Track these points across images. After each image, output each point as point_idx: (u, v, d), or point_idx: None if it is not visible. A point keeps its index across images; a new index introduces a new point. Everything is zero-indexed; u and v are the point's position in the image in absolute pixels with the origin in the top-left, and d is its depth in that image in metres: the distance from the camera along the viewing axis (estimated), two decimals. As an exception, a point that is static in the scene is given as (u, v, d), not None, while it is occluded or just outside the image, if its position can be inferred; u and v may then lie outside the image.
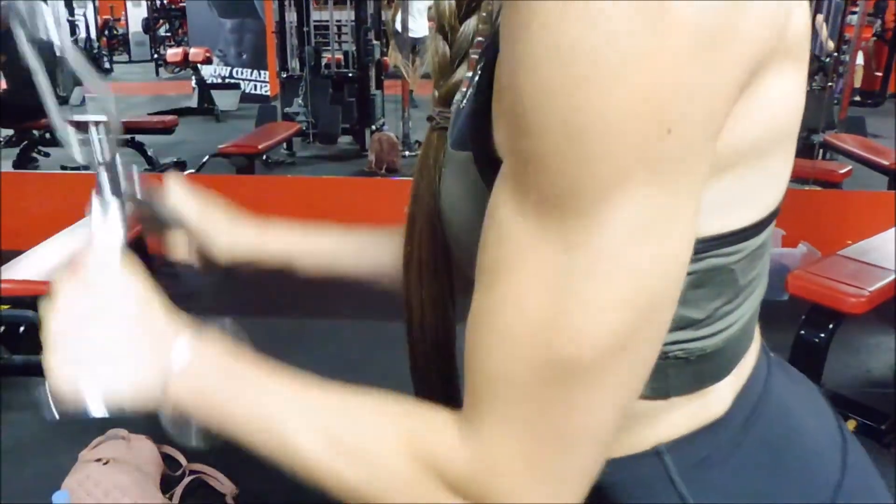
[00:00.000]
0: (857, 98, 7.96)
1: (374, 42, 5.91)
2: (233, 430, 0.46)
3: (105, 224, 0.54)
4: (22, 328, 1.96)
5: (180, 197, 0.67)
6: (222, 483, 1.93)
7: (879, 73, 7.78)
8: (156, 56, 12.19)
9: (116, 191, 0.56)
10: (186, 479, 1.88)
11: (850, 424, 2.23)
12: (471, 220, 0.44)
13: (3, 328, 1.98)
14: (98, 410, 0.47)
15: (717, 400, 0.49)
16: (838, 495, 0.51)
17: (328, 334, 2.87)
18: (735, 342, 0.47)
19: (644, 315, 0.36)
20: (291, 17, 6.15)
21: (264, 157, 5.09)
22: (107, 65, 12.28)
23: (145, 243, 0.65)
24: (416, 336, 0.56)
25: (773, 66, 0.38)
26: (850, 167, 4.05)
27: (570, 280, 0.35)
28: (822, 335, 2.34)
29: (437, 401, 0.47)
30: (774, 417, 0.52)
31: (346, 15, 6.37)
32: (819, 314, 2.34)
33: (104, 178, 0.56)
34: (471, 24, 0.47)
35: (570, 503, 0.40)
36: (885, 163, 4.03)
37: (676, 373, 0.44)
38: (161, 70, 11.81)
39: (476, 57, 0.49)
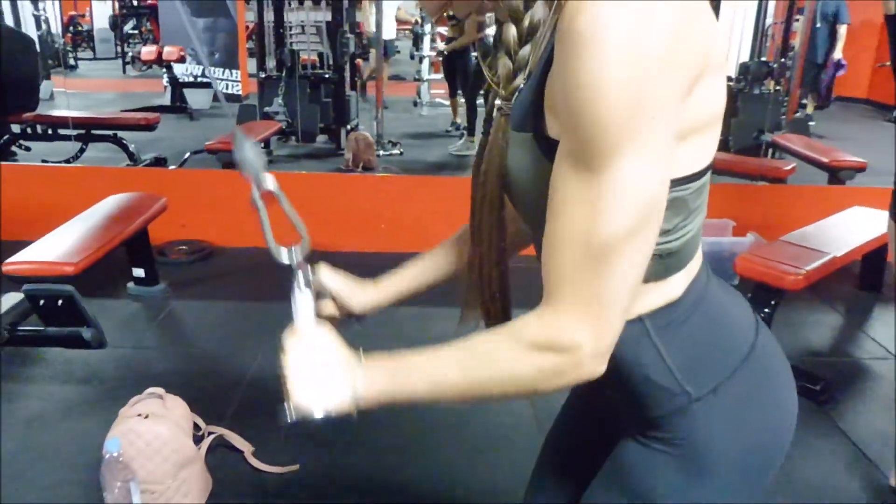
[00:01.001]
0: (805, 101, 8.41)
1: (350, 43, 6.10)
2: (408, 398, 0.74)
3: (303, 304, 0.84)
4: (60, 301, 2.16)
5: (330, 278, 0.97)
6: (240, 442, 2.15)
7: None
8: (123, 53, 12.15)
9: (307, 284, 0.85)
10: (209, 438, 2.11)
11: (790, 387, 2.53)
12: (530, 177, 0.71)
13: (42, 302, 2.18)
14: (319, 414, 0.75)
15: (676, 286, 0.76)
16: (753, 347, 0.80)
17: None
18: (687, 246, 0.74)
19: (642, 217, 0.62)
20: (268, 17, 6.31)
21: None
22: (72, 61, 12.24)
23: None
24: (483, 252, 0.81)
25: (704, 78, 0.64)
26: (794, 165, 4.40)
27: (599, 201, 0.61)
28: (766, 311, 2.64)
29: (499, 302, 0.75)
30: (712, 301, 0.79)
31: (322, 16, 6.56)
32: (763, 292, 2.65)
33: (300, 276, 0.85)
34: (527, 49, 0.72)
35: (610, 344, 0.67)
36: (825, 160, 4.40)
37: (653, 265, 0.70)
38: (128, 67, 11.82)
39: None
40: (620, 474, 0.84)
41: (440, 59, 7.39)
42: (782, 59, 5.74)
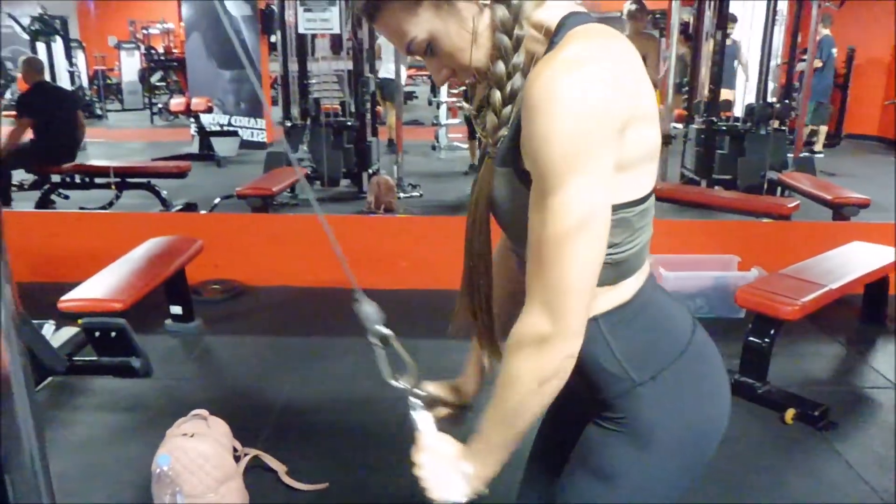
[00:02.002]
0: (814, 139, 8.58)
1: (370, 91, 6.40)
2: (501, 457, 0.97)
3: (422, 419, 1.06)
4: (112, 333, 2.37)
5: (434, 389, 1.19)
6: (274, 463, 2.33)
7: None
8: (151, 104, 12.64)
9: (422, 402, 1.08)
10: (246, 458, 2.29)
11: (791, 413, 2.67)
12: (510, 202, 0.91)
13: (97, 334, 2.40)
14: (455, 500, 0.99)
15: (625, 291, 0.95)
16: (689, 344, 0.99)
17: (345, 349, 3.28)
18: (634, 258, 0.94)
19: (581, 224, 0.82)
20: (292, 68, 6.63)
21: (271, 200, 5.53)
22: (99, 111, 12.75)
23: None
24: (473, 266, 1.01)
25: (632, 126, 0.84)
26: (798, 202, 4.56)
27: (548, 215, 0.82)
28: (766, 340, 2.80)
29: (485, 306, 0.95)
30: (655, 305, 0.99)
31: (343, 65, 6.87)
32: (762, 322, 2.82)
33: (412, 400, 1.08)
34: (508, 108, 0.92)
35: (576, 328, 0.86)
36: (829, 197, 4.57)
37: (607, 271, 0.89)
38: (155, 118, 12.29)
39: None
40: (584, 452, 1.03)
41: (458, 105, 7.70)
42: (786, 101, 5.94)
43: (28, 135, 5.52)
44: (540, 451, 1.23)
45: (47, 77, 8.44)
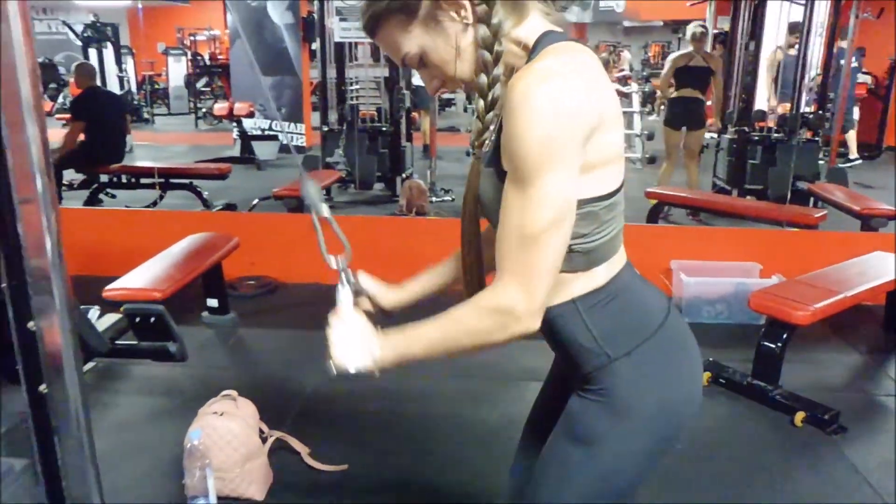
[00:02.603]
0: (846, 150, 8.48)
1: (406, 98, 6.56)
2: (412, 359, 1.07)
3: (344, 296, 1.18)
4: (152, 319, 2.55)
5: (367, 282, 1.29)
6: (297, 445, 2.47)
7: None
8: (196, 109, 13.02)
9: (348, 282, 1.20)
10: (271, 440, 2.43)
11: (800, 416, 2.72)
12: (493, 197, 1.03)
13: (137, 319, 2.57)
14: (352, 370, 1.08)
15: (599, 276, 1.06)
16: (662, 327, 1.09)
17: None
18: (604, 247, 1.05)
19: (555, 216, 0.93)
20: (331, 74, 6.82)
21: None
22: (146, 115, 13.17)
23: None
24: (465, 248, 1.14)
25: (599, 130, 0.96)
26: (825, 212, 4.58)
27: (527, 205, 0.93)
28: (778, 344, 2.86)
29: (475, 280, 1.07)
30: (631, 291, 1.10)
31: (380, 72, 7.06)
32: (775, 326, 2.87)
33: (343, 276, 1.20)
34: (490, 115, 1.04)
35: (540, 307, 0.98)
36: (856, 208, 4.57)
37: (578, 259, 1.01)
38: (200, 122, 12.66)
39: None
40: (566, 420, 1.14)
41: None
42: (820, 111, 5.92)
43: (79, 137, 5.79)
44: (534, 420, 1.35)
45: (98, 82, 8.83)
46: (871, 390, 3.16)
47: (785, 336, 2.84)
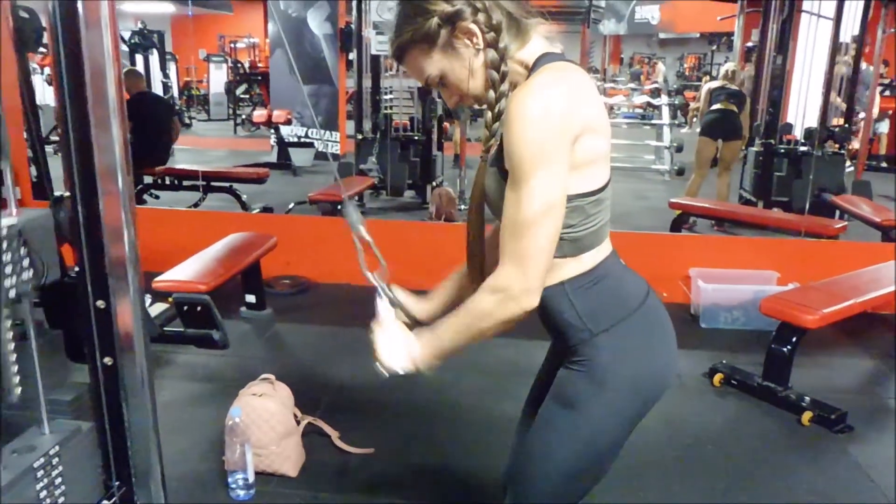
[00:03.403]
0: (884, 164, 8.49)
1: (437, 108, 6.77)
2: (446, 354, 1.26)
3: (383, 306, 1.35)
4: (198, 308, 2.76)
5: (401, 294, 1.45)
6: (328, 429, 2.66)
7: None
8: (235, 115, 13.39)
9: (385, 294, 1.37)
10: (304, 423, 2.62)
11: (807, 415, 2.84)
12: (495, 192, 1.20)
13: (185, 307, 2.79)
14: (397, 371, 1.28)
15: (586, 262, 1.23)
16: (639, 307, 1.26)
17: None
18: (590, 236, 1.21)
19: (545, 208, 1.10)
20: (366, 84, 7.05)
21: (339, 206, 5.94)
22: (187, 120, 13.58)
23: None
24: (470, 240, 1.31)
25: (586, 134, 1.13)
26: (845, 223, 4.66)
27: (521, 198, 1.11)
28: (788, 347, 2.98)
29: (477, 265, 1.25)
30: (614, 276, 1.26)
31: (414, 82, 7.28)
32: (785, 330, 2.99)
33: (380, 290, 1.37)
34: (496, 125, 1.20)
35: (536, 286, 1.15)
36: (877, 220, 4.65)
37: (567, 246, 1.18)
38: (238, 128, 13.03)
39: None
40: (555, 387, 1.31)
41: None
42: (845, 124, 5.99)
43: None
44: (531, 396, 1.52)
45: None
46: (879, 393, 3.25)
47: (794, 339, 2.96)
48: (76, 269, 1.84)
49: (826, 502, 2.38)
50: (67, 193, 1.82)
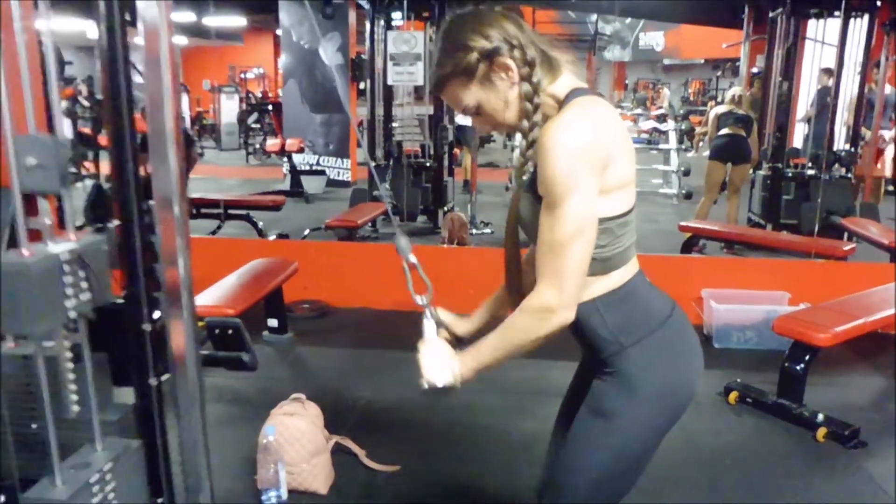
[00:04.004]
0: (891, 188, 8.55)
1: (449, 134, 6.91)
2: (487, 368, 1.35)
3: (429, 327, 1.46)
4: (229, 331, 2.86)
5: (444, 315, 1.56)
6: (354, 447, 2.74)
7: None
8: (247, 145, 13.59)
9: (432, 316, 1.48)
10: (332, 442, 2.70)
11: (822, 431, 2.90)
12: (530, 215, 1.31)
13: (216, 330, 2.88)
14: (440, 385, 1.36)
15: (615, 280, 1.33)
16: (665, 323, 1.35)
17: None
18: (619, 256, 1.31)
19: (578, 229, 1.21)
20: (379, 112, 7.21)
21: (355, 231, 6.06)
22: (200, 150, 13.77)
23: None
24: (507, 261, 1.41)
25: (612, 162, 1.23)
26: (854, 245, 4.74)
27: (556, 222, 1.21)
28: (801, 365, 3.05)
29: (514, 282, 1.35)
30: (641, 293, 1.36)
31: (425, 110, 7.44)
32: (798, 349, 3.07)
33: (427, 311, 1.48)
34: (531, 151, 1.30)
35: (572, 302, 1.25)
36: (885, 241, 4.73)
37: (597, 265, 1.27)
38: (250, 157, 13.22)
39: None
40: (589, 397, 1.40)
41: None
42: (852, 149, 6.09)
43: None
44: (564, 407, 1.60)
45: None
46: (891, 410, 3.29)
47: (808, 357, 3.03)
48: (125, 292, 1.95)
49: (843, 516, 2.45)
50: (117, 222, 1.94)
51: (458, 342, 1.57)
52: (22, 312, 1.49)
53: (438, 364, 1.38)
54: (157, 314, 2.06)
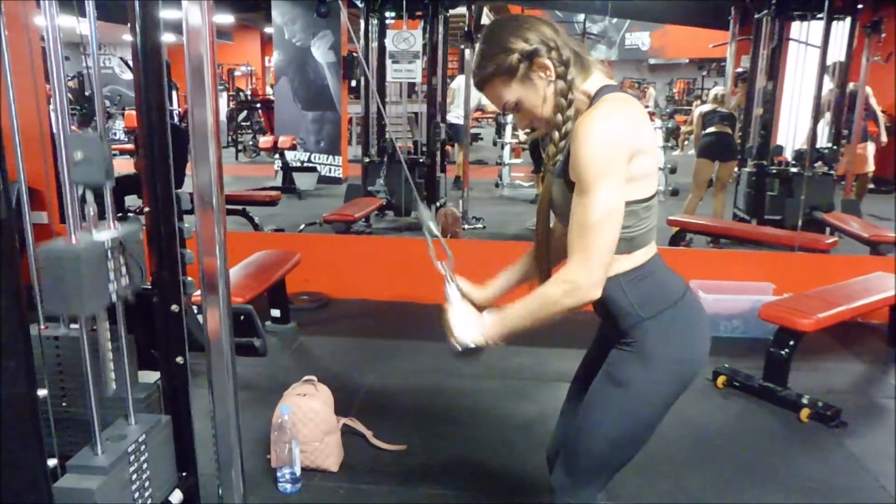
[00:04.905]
0: (871, 186, 8.77)
1: (441, 132, 7.03)
2: (512, 332, 1.47)
3: (451, 290, 1.57)
4: (241, 317, 2.96)
5: (463, 283, 1.67)
6: (363, 428, 2.86)
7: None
8: (236, 142, 13.63)
9: (452, 280, 1.59)
10: (341, 423, 2.82)
11: (805, 412, 3.06)
12: (561, 199, 1.44)
13: (230, 317, 2.99)
14: (471, 345, 1.48)
15: (637, 259, 1.46)
16: (681, 299, 1.48)
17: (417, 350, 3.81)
18: (642, 236, 1.44)
19: (607, 214, 1.34)
20: (372, 109, 7.31)
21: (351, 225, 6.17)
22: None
23: None
24: (538, 240, 1.54)
25: (638, 154, 1.36)
26: (836, 239, 4.93)
27: (588, 206, 1.34)
28: (786, 350, 3.21)
29: (544, 262, 1.48)
30: (658, 273, 1.49)
31: (418, 108, 7.55)
32: (783, 333, 3.22)
33: (448, 277, 1.58)
34: (563, 142, 1.43)
35: (599, 280, 1.38)
36: (865, 235, 4.91)
37: (623, 244, 1.40)
38: (240, 154, 13.26)
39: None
40: (607, 366, 1.53)
41: (524, 145, 8.40)
42: (833, 146, 6.28)
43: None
44: (578, 376, 1.74)
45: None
46: (871, 393, 3.47)
47: (792, 342, 3.19)
48: (154, 275, 2.06)
49: (825, 488, 2.60)
50: (147, 209, 2.05)
51: (476, 308, 1.66)
52: (72, 295, 1.60)
53: (467, 325, 1.50)
54: (183, 297, 2.19)
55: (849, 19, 6.12)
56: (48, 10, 1.51)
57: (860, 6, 6.10)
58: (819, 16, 6.02)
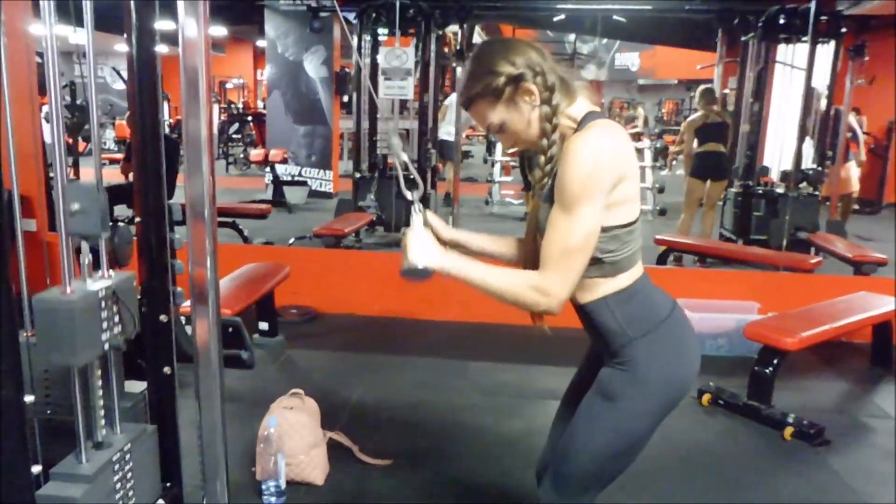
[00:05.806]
0: (856, 206, 8.88)
1: (432, 151, 7.08)
2: (463, 279, 1.47)
3: (416, 217, 1.57)
4: (230, 329, 2.97)
5: (433, 218, 1.66)
6: (348, 442, 2.86)
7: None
8: (227, 155, 13.64)
9: (420, 210, 1.59)
10: (327, 436, 2.82)
11: (789, 430, 3.09)
12: (546, 220, 1.45)
13: (218, 329, 2.99)
14: (420, 266, 1.49)
15: (623, 281, 1.48)
16: (667, 318, 1.51)
17: (402, 366, 3.81)
18: (625, 260, 1.47)
19: (586, 237, 1.37)
20: (364, 125, 7.35)
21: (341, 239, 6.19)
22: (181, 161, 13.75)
23: None
24: (526, 259, 1.56)
25: (621, 180, 1.39)
26: (820, 258, 4.98)
27: (567, 229, 1.37)
28: (770, 368, 3.24)
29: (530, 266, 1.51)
30: (645, 293, 1.52)
31: (409, 124, 7.59)
32: (767, 352, 3.25)
33: (416, 205, 1.59)
34: (549, 167, 1.46)
35: (565, 298, 1.41)
36: (850, 255, 4.97)
37: (607, 267, 1.43)
38: (230, 167, 13.27)
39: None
40: (597, 384, 1.55)
41: (513, 162, 8.45)
42: (818, 167, 6.36)
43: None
44: (569, 394, 1.76)
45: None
46: (855, 412, 3.50)
47: (776, 361, 3.22)
48: (143, 285, 2.07)
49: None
50: (139, 219, 2.06)
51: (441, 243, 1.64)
52: (66, 346, 1.61)
53: (421, 248, 1.50)
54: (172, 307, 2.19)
55: (833, 42, 6.23)
56: (48, 19, 1.53)
57: (843, 30, 6.21)
58: (804, 39, 6.12)
